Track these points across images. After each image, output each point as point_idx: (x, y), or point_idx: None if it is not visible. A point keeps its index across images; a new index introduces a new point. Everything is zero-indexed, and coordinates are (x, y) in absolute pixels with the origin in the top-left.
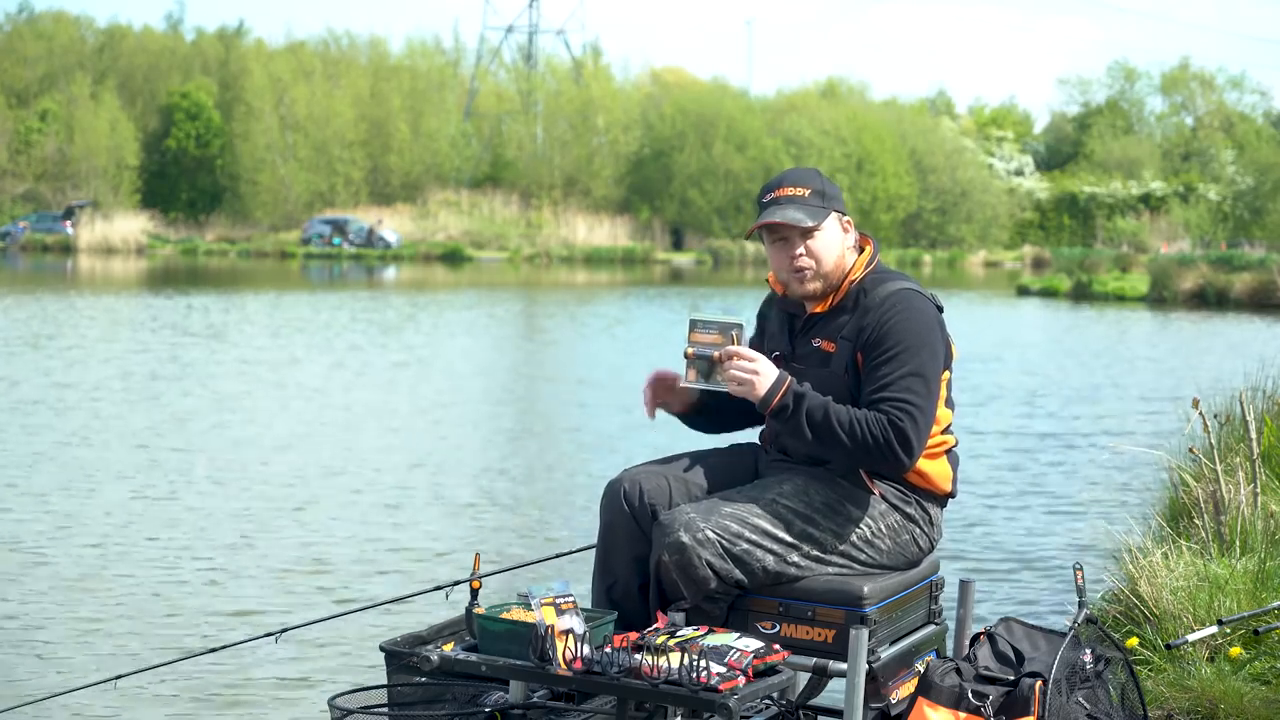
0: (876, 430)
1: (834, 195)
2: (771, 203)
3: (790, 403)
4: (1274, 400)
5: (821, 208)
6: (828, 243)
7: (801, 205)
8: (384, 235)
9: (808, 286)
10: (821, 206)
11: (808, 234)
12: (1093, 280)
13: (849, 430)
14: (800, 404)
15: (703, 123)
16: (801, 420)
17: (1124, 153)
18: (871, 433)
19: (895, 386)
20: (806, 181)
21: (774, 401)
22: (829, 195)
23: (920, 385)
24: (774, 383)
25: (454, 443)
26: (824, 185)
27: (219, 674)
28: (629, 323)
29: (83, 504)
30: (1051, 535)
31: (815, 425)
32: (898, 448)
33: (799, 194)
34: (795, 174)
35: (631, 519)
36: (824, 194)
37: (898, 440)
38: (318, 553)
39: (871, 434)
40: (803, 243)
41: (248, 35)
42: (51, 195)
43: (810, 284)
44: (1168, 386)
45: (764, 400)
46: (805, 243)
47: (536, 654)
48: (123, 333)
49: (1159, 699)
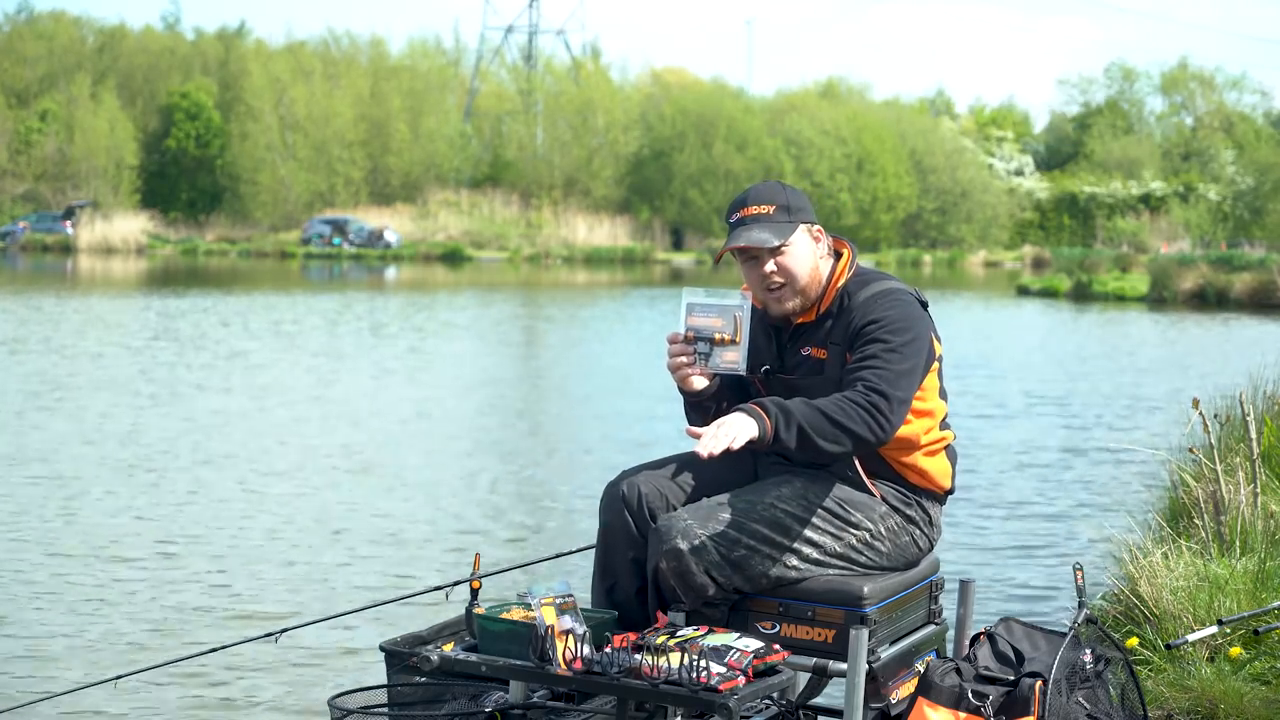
0: (860, 402)
1: (800, 207)
2: (738, 223)
3: (779, 414)
4: (1274, 400)
5: (788, 223)
6: (798, 257)
7: (767, 224)
8: (384, 235)
9: (785, 305)
10: (788, 221)
11: (776, 252)
12: (1093, 280)
13: (842, 413)
14: (788, 412)
15: (703, 123)
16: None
17: (1124, 153)
18: (857, 405)
19: (873, 360)
20: (770, 198)
21: (769, 427)
22: (794, 208)
23: (897, 360)
24: (752, 418)
25: (454, 442)
26: (789, 198)
27: (219, 674)
28: (629, 323)
29: (82, 504)
30: (1051, 535)
31: (813, 423)
32: (881, 411)
33: (764, 212)
34: (758, 191)
35: (630, 521)
36: (789, 208)
37: (881, 403)
38: (317, 553)
39: (858, 406)
40: (773, 260)
41: (248, 36)
42: (51, 195)
43: (787, 302)
44: (1167, 386)
45: (760, 437)
46: (775, 260)
47: (536, 654)
48: (122, 333)
49: (1159, 699)
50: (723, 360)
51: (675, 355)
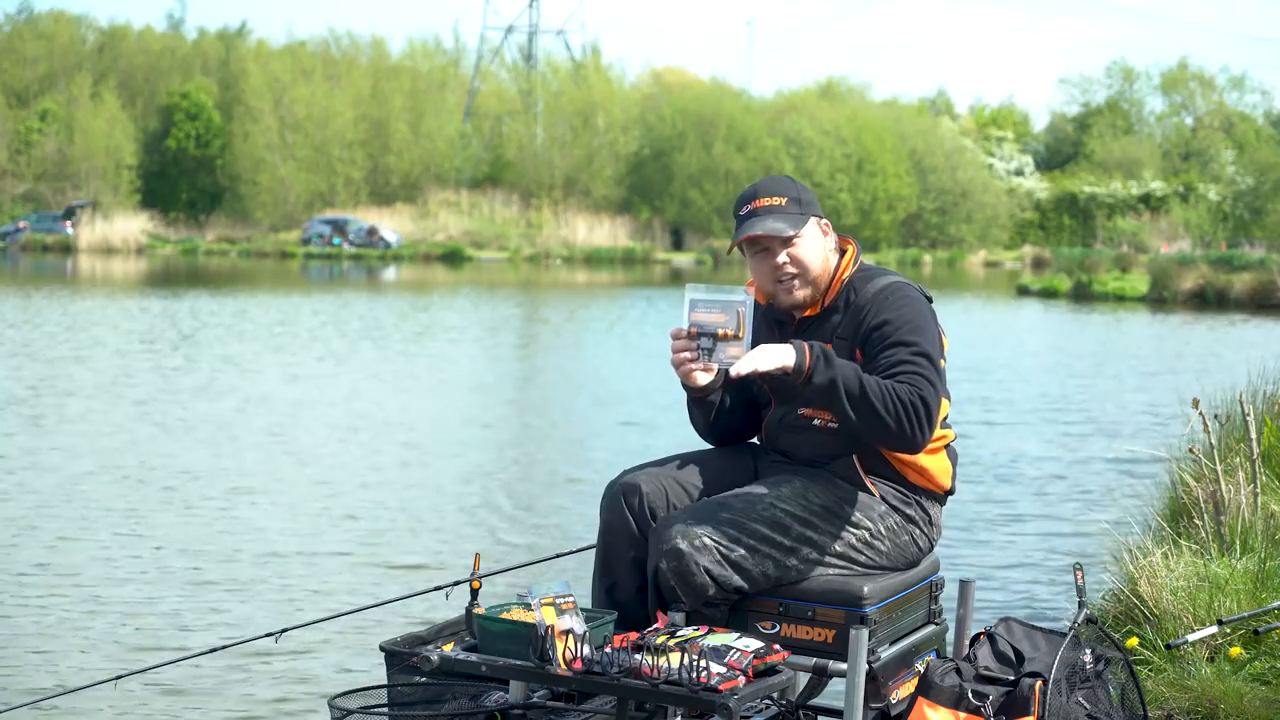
0: (905, 398)
1: (810, 201)
2: (749, 215)
3: (821, 355)
4: (1274, 400)
5: (800, 214)
6: (810, 249)
7: (780, 215)
8: (384, 235)
9: (796, 295)
10: (800, 214)
11: (789, 242)
12: (1093, 280)
13: (880, 395)
14: (830, 359)
15: (703, 123)
16: (837, 376)
17: (1124, 153)
18: (900, 400)
19: (909, 364)
20: (781, 190)
21: (807, 361)
22: (805, 201)
23: (929, 365)
24: (794, 349)
25: (454, 442)
26: (799, 192)
27: (219, 674)
28: (628, 322)
29: (82, 504)
30: (1051, 535)
31: (849, 383)
32: (923, 418)
33: (776, 203)
34: (769, 183)
35: (631, 520)
36: (800, 200)
37: (924, 411)
38: (317, 553)
39: (900, 401)
40: (785, 251)
41: (249, 36)
42: (51, 195)
43: (798, 292)
44: (1167, 386)
45: (797, 365)
46: (787, 251)
47: (536, 654)
48: (122, 334)
49: (1159, 699)
50: (726, 355)
51: (678, 351)
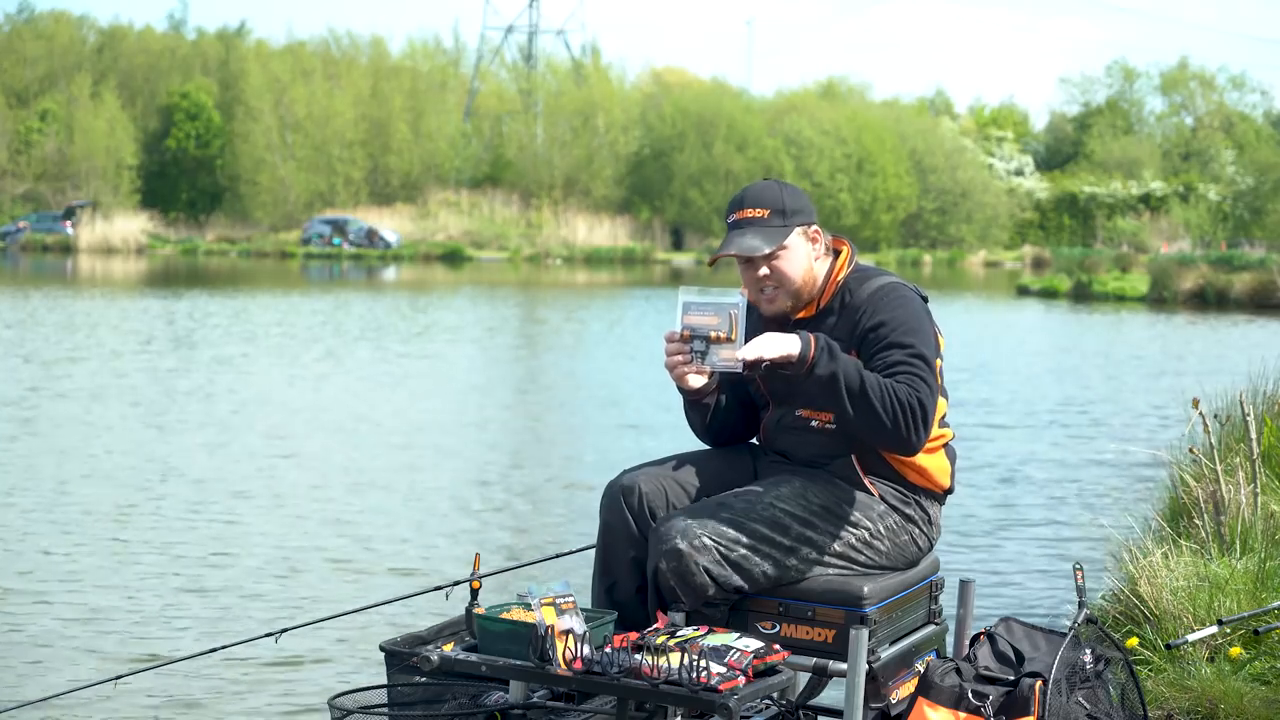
0: (903, 398)
1: (797, 209)
2: (734, 225)
3: (825, 348)
4: (1274, 400)
5: (782, 227)
6: (792, 261)
7: (760, 229)
8: (384, 235)
9: (776, 306)
10: (782, 225)
11: (770, 256)
12: (1093, 280)
13: (879, 393)
14: (835, 352)
15: (703, 123)
16: (839, 370)
17: (1124, 153)
18: (899, 399)
19: (905, 365)
20: (766, 200)
21: (812, 350)
22: (791, 210)
23: (925, 367)
24: (799, 338)
25: (454, 442)
26: (785, 200)
27: (219, 674)
28: (627, 323)
29: (82, 504)
30: (1052, 535)
31: (850, 378)
32: (919, 419)
33: (758, 215)
34: (755, 192)
35: (630, 520)
36: (785, 211)
37: (921, 413)
38: (317, 553)
39: (899, 401)
40: (765, 265)
41: (248, 36)
42: (51, 195)
43: (779, 304)
44: (1167, 387)
45: (802, 354)
46: (768, 264)
47: (536, 654)
48: (121, 335)
49: (1159, 699)
50: (719, 358)
51: (672, 354)
